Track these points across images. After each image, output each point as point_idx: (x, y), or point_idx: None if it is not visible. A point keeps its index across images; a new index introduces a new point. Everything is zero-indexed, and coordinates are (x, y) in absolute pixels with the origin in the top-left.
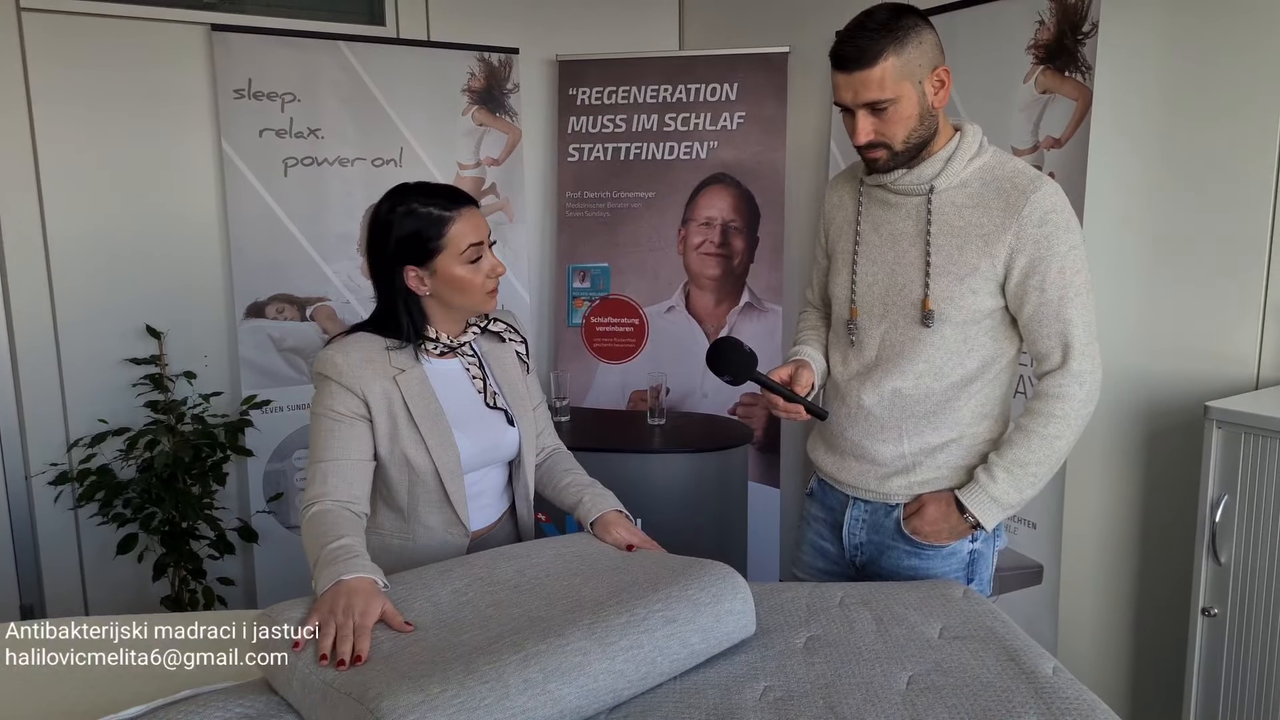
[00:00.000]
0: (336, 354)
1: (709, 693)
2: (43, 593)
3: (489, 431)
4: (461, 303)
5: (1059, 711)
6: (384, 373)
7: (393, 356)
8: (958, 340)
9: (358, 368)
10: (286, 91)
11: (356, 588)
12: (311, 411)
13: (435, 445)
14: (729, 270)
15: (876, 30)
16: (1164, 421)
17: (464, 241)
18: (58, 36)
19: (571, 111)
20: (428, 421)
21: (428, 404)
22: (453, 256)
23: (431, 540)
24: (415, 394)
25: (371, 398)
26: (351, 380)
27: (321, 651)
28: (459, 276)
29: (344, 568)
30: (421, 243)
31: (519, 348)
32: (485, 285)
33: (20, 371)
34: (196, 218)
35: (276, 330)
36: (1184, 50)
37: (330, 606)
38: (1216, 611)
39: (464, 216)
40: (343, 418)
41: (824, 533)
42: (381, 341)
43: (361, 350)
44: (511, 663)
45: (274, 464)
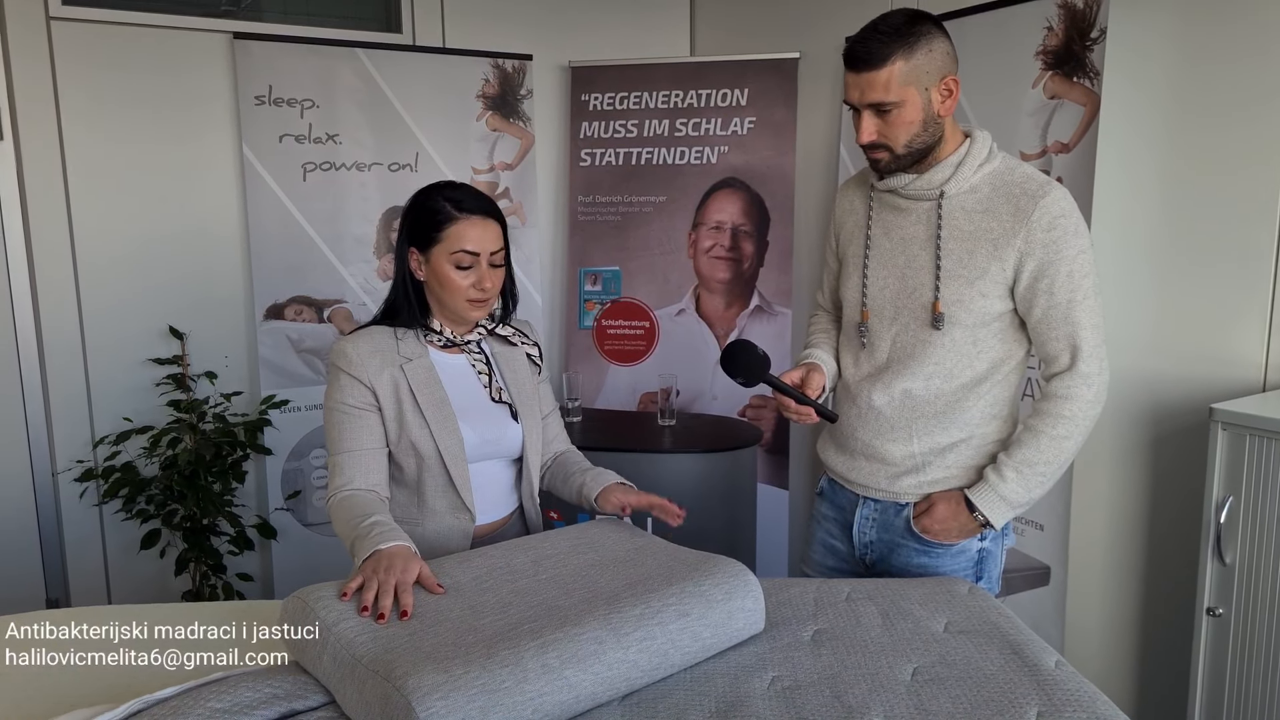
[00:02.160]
0: (347, 345)
1: (719, 681)
2: (68, 587)
3: (493, 424)
4: (448, 302)
5: (1060, 703)
6: (392, 362)
7: (401, 346)
8: (967, 342)
9: (367, 358)
10: (306, 98)
11: (395, 553)
12: (325, 405)
13: (439, 430)
14: (738, 274)
15: (888, 34)
16: (1170, 423)
17: (457, 244)
18: (85, 45)
19: (584, 117)
20: (432, 408)
21: (433, 391)
22: (444, 254)
23: (440, 525)
24: (421, 381)
25: (379, 387)
26: (360, 371)
27: (364, 604)
28: (445, 275)
29: (380, 539)
30: (423, 229)
31: (530, 350)
32: (468, 294)
33: (48, 371)
34: (218, 221)
35: (295, 331)
36: (1192, 56)
37: (372, 568)
38: (1221, 612)
39: (470, 223)
40: (354, 410)
41: (834, 531)
42: (391, 331)
43: (371, 341)
44: (530, 648)
45: (292, 462)
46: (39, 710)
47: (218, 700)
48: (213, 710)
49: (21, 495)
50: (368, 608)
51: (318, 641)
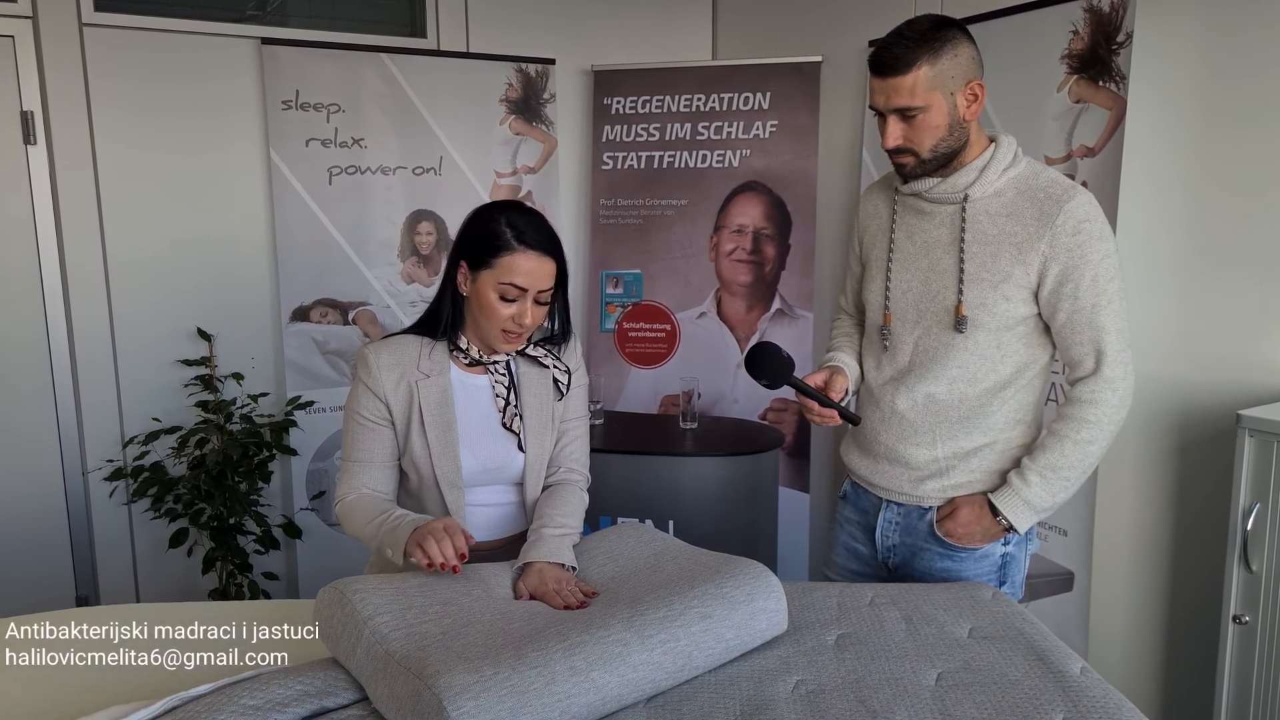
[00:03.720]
0: (370, 353)
1: (743, 684)
2: (98, 584)
3: (498, 452)
4: (483, 327)
5: (1086, 710)
6: (410, 377)
7: (423, 361)
8: (991, 347)
9: (386, 371)
10: (332, 102)
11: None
12: (345, 407)
13: (438, 454)
14: (760, 277)
15: (914, 39)
16: (1196, 430)
17: (508, 275)
18: (117, 50)
19: (606, 120)
20: (436, 430)
21: (442, 414)
22: (492, 280)
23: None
24: (432, 402)
25: (394, 401)
26: (376, 384)
27: (428, 560)
28: (486, 300)
29: (414, 521)
30: (478, 249)
31: (560, 376)
32: (504, 324)
33: (79, 372)
34: (245, 225)
35: (320, 334)
36: (1218, 59)
37: (420, 537)
38: (1248, 619)
39: (525, 256)
40: (368, 421)
41: (857, 535)
42: (419, 342)
43: (393, 353)
44: (557, 651)
45: (316, 463)
46: (39, 710)
47: (250, 697)
48: (246, 707)
49: (53, 494)
50: (432, 564)
51: (352, 634)
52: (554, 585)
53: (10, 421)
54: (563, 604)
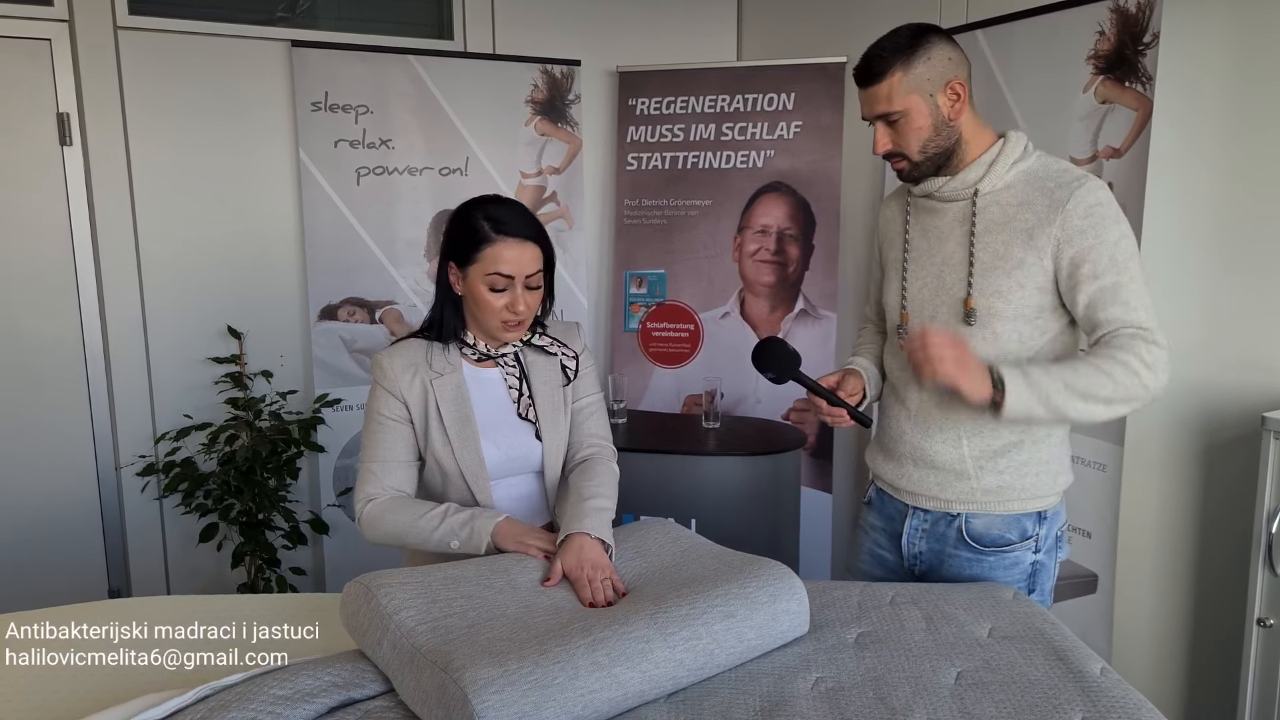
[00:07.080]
0: (384, 358)
1: (763, 681)
2: (129, 577)
3: (518, 441)
4: (483, 321)
5: (1105, 710)
6: (424, 376)
7: (435, 361)
8: (1012, 339)
9: (401, 372)
10: (360, 104)
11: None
12: (365, 410)
13: (460, 449)
14: (783, 277)
15: (889, 49)
16: (1221, 433)
17: (492, 266)
18: (150, 53)
19: (631, 121)
20: (456, 425)
21: (459, 409)
22: (479, 274)
23: None
24: (449, 399)
25: (411, 401)
26: (393, 385)
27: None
28: (479, 294)
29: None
30: (461, 247)
31: (568, 362)
32: (501, 314)
33: (112, 369)
34: (275, 224)
35: (347, 332)
36: (1246, 60)
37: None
38: (1273, 623)
39: (506, 245)
40: (388, 421)
41: (882, 541)
42: (426, 345)
43: (406, 356)
44: (580, 646)
45: (344, 460)
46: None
47: (279, 688)
48: (275, 697)
49: (86, 488)
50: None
51: (379, 628)
52: (589, 571)
53: (45, 417)
54: (590, 600)
